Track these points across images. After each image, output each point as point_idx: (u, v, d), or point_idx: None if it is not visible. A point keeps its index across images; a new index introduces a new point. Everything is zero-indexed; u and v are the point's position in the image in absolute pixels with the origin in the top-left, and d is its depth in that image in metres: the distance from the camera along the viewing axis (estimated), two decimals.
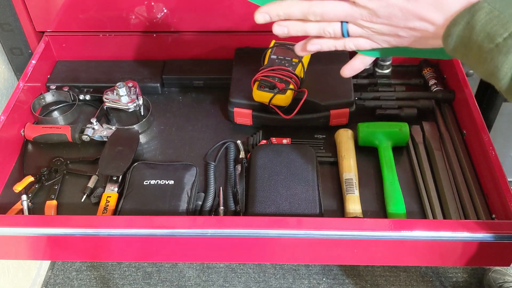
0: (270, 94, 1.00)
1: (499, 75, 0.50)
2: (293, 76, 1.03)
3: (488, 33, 0.50)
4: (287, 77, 1.02)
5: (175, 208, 0.89)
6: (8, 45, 1.20)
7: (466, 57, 0.54)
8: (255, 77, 1.03)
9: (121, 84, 1.08)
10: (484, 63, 0.51)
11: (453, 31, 0.52)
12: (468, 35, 0.51)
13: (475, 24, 0.50)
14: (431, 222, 0.84)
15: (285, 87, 1.01)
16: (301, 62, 1.06)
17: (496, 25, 0.49)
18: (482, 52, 0.51)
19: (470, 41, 0.51)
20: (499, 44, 0.49)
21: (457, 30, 0.52)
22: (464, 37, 0.52)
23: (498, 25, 0.49)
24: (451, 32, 0.52)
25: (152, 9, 1.15)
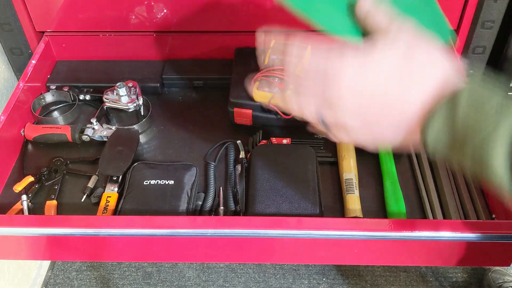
0: (270, 94, 1.00)
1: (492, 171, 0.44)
2: None
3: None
4: None
5: (175, 208, 0.89)
6: (8, 45, 1.20)
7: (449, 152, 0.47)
8: (255, 77, 1.03)
9: (121, 84, 1.08)
10: None
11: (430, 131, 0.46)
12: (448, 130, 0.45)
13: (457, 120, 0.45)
14: (431, 222, 0.84)
15: (285, 87, 1.00)
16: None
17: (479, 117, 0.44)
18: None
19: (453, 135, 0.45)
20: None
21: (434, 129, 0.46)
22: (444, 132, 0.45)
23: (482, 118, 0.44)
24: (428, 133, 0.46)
25: (152, 9, 1.15)
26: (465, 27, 1.15)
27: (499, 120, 0.44)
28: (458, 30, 1.16)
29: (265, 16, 1.14)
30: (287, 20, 1.18)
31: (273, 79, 1.02)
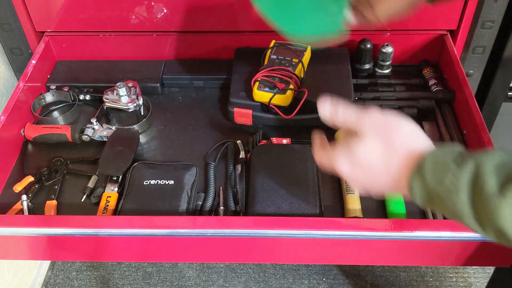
0: (270, 94, 1.00)
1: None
2: (293, 76, 1.03)
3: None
4: (287, 77, 1.02)
5: (175, 208, 0.89)
6: (8, 45, 1.20)
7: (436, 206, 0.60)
8: (255, 77, 1.03)
9: (121, 84, 1.08)
10: None
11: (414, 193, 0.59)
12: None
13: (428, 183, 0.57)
14: (431, 222, 0.84)
15: (285, 87, 1.01)
16: (301, 62, 1.06)
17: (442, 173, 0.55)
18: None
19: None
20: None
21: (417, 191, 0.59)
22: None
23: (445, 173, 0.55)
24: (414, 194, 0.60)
25: (152, 9, 1.15)
26: (465, 27, 1.15)
27: (458, 174, 0.54)
28: (458, 30, 1.16)
29: None
30: None
31: (273, 79, 1.02)
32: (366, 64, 1.16)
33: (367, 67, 1.17)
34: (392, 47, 1.14)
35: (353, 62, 1.17)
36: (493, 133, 1.27)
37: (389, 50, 1.14)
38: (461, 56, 1.19)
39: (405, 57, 1.21)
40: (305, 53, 1.09)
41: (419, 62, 1.21)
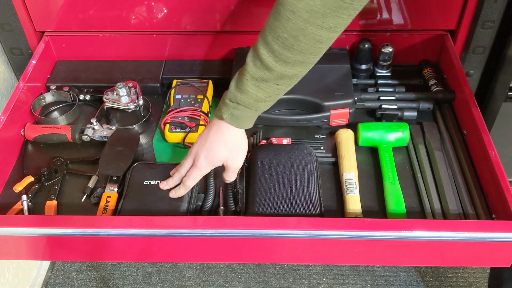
0: (182, 134, 1.03)
1: None
2: (201, 113, 1.06)
3: None
4: (195, 115, 1.05)
5: (175, 208, 0.89)
6: (8, 45, 1.20)
7: None
8: (164, 120, 1.06)
9: (121, 84, 1.08)
10: None
11: None
12: None
13: None
14: (431, 222, 0.84)
15: (196, 125, 1.04)
16: (206, 98, 1.09)
17: None
18: None
19: None
20: None
21: None
22: None
23: None
24: None
25: (152, 9, 1.15)
26: (465, 27, 1.15)
27: None
28: (458, 30, 1.16)
29: (265, 16, 1.14)
30: None
31: (183, 119, 1.04)
32: (366, 64, 1.16)
33: (367, 67, 1.17)
34: (392, 47, 1.14)
35: (353, 62, 1.17)
36: (493, 133, 1.27)
37: (389, 50, 1.14)
38: (461, 56, 1.19)
39: (405, 57, 1.21)
40: (207, 88, 1.13)
41: (419, 62, 1.21)
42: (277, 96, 0.80)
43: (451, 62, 1.13)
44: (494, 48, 1.16)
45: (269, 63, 0.74)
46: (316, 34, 0.70)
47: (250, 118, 0.83)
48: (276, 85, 0.77)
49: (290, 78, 0.77)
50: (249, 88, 0.77)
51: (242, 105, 0.80)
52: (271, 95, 0.79)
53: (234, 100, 0.80)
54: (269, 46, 0.73)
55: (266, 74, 0.75)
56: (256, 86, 0.77)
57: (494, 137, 0.95)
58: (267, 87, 0.77)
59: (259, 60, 0.75)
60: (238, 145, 0.86)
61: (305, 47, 0.71)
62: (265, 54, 0.74)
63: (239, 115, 0.81)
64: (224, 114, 0.82)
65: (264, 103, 0.80)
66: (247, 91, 0.78)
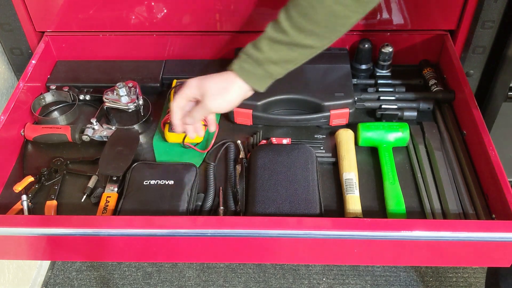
0: (182, 134, 1.02)
1: None
2: None
3: None
4: None
5: (175, 208, 0.89)
6: (8, 45, 1.20)
7: None
8: (164, 120, 1.05)
9: (121, 84, 1.08)
10: None
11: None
12: None
13: None
14: (431, 222, 0.84)
15: None
16: None
17: None
18: None
19: None
20: None
21: None
22: None
23: None
24: None
25: (152, 9, 1.15)
26: (465, 27, 1.15)
27: None
28: (458, 30, 1.16)
29: (265, 16, 1.14)
30: None
31: None
32: (366, 64, 1.16)
33: (367, 67, 1.17)
34: (392, 47, 1.14)
35: (353, 62, 1.17)
36: (493, 133, 1.27)
37: (389, 50, 1.14)
38: (461, 56, 1.19)
39: (405, 57, 1.21)
40: None
41: (419, 62, 1.21)
42: (288, 63, 0.83)
43: (451, 62, 1.13)
44: (494, 48, 1.16)
45: (285, 26, 0.79)
46: (332, 7, 0.75)
47: (257, 78, 0.85)
48: (289, 50, 0.81)
49: (303, 48, 0.81)
50: (263, 45, 0.82)
51: (252, 59, 0.83)
52: (282, 59, 0.82)
53: (247, 54, 0.84)
54: (288, 12, 0.78)
55: (280, 36, 0.80)
56: (270, 46, 0.81)
57: (494, 137, 0.95)
58: (280, 49, 0.81)
59: (277, 24, 0.80)
60: (229, 92, 0.86)
61: (320, 18, 0.76)
62: (283, 19, 0.79)
63: (247, 68, 0.84)
64: (235, 65, 0.86)
65: (274, 66, 0.83)
66: (260, 48, 0.82)
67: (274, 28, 0.81)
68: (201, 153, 1.03)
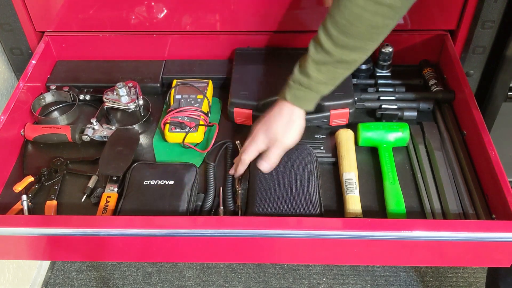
0: (182, 134, 1.02)
1: None
2: (201, 113, 1.05)
3: None
4: (195, 115, 1.05)
5: (175, 208, 0.89)
6: (8, 45, 1.20)
7: None
8: (164, 120, 1.06)
9: (121, 84, 1.08)
10: None
11: None
12: None
13: None
14: (431, 222, 0.84)
15: (195, 125, 1.03)
16: (206, 98, 1.09)
17: None
18: None
19: None
20: None
21: None
22: None
23: None
24: None
25: (152, 9, 1.15)
26: (465, 27, 1.15)
27: None
28: (458, 30, 1.16)
29: (265, 16, 1.14)
30: (286, 20, 1.18)
31: (182, 119, 1.04)
32: (366, 64, 1.16)
33: (367, 67, 1.17)
34: (392, 47, 1.14)
35: None
36: (493, 133, 1.27)
37: (389, 50, 1.14)
38: (461, 56, 1.19)
39: (405, 57, 1.21)
40: (207, 88, 1.12)
41: (419, 62, 1.21)
42: (337, 80, 0.86)
43: (451, 62, 1.13)
44: (494, 48, 1.16)
45: (328, 47, 0.80)
46: (371, 20, 0.76)
47: (311, 100, 0.88)
48: (335, 68, 0.83)
49: (349, 63, 0.83)
50: (310, 70, 0.84)
51: (303, 86, 0.86)
52: (330, 78, 0.85)
53: (297, 82, 0.87)
54: (328, 32, 0.80)
55: (325, 57, 0.82)
56: (317, 69, 0.83)
57: (494, 137, 0.95)
58: (327, 70, 0.83)
59: (319, 45, 0.82)
60: (294, 122, 0.90)
61: (361, 32, 0.77)
62: (325, 39, 0.80)
63: (301, 95, 0.87)
64: (288, 95, 0.88)
65: (325, 86, 0.86)
66: (308, 73, 0.84)
67: (317, 50, 0.82)
68: (201, 153, 1.03)
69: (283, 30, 1.15)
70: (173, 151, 1.04)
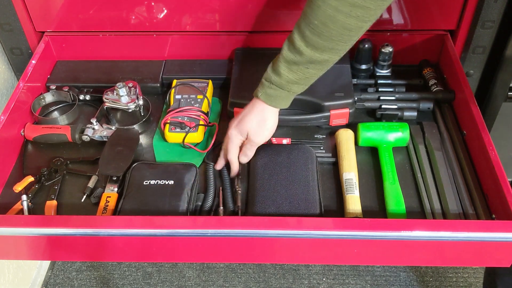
0: (182, 134, 1.02)
1: None
2: (201, 113, 1.06)
3: None
4: (195, 115, 1.05)
5: (175, 208, 0.89)
6: (8, 45, 1.20)
7: None
8: (164, 120, 1.06)
9: (121, 84, 1.08)
10: None
11: None
12: None
13: None
14: (431, 222, 0.84)
15: (195, 125, 1.03)
16: (206, 98, 1.09)
17: None
18: None
19: None
20: None
21: None
22: None
23: None
24: None
25: (152, 9, 1.15)
26: (465, 27, 1.15)
27: None
28: (458, 30, 1.16)
29: (265, 16, 1.14)
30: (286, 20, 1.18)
31: (182, 119, 1.04)
32: (366, 64, 1.16)
33: (367, 67, 1.17)
34: (392, 47, 1.14)
35: (353, 62, 1.17)
36: (493, 133, 1.27)
37: (389, 50, 1.14)
38: (461, 56, 1.19)
39: (405, 57, 1.21)
40: (207, 88, 1.12)
41: (419, 62, 1.21)
42: (309, 80, 0.86)
43: (451, 62, 1.13)
44: (494, 48, 1.16)
45: (300, 47, 0.80)
46: (345, 22, 0.75)
47: (283, 99, 0.89)
48: (307, 68, 0.83)
49: (320, 63, 0.82)
50: (281, 69, 0.84)
51: (275, 85, 0.87)
52: (302, 78, 0.85)
53: (269, 80, 0.87)
54: (301, 32, 0.79)
55: (297, 57, 0.82)
56: (288, 69, 0.84)
57: (494, 137, 0.95)
58: (298, 70, 0.83)
59: (292, 44, 0.81)
60: (266, 121, 0.91)
61: (334, 34, 0.77)
62: (297, 39, 0.80)
63: (273, 94, 0.88)
64: (259, 93, 0.89)
65: (296, 86, 0.86)
66: (280, 72, 0.85)
67: (289, 50, 0.82)
68: (201, 153, 1.03)
69: (283, 30, 1.15)
70: (173, 151, 1.04)
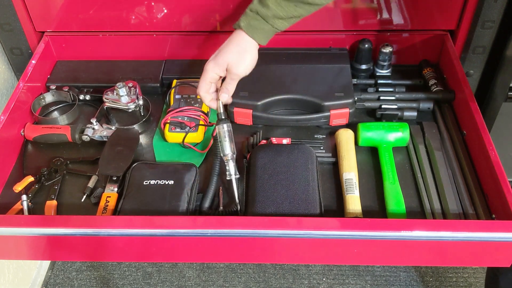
0: (182, 134, 1.02)
1: None
2: (201, 113, 1.06)
3: None
4: (195, 115, 1.05)
5: (175, 208, 0.89)
6: (8, 45, 1.20)
7: None
8: (164, 120, 1.05)
9: (121, 84, 1.08)
10: None
11: None
12: None
13: None
14: (431, 222, 0.84)
15: (195, 125, 1.03)
16: None
17: None
18: None
19: None
20: None
21: None
22: None
23: None
24: None
25: (152, 9, 1.15)
26: (465, 27, 1.15)
27: None
28: (458, 30, 1.16)
29: None
30: None
31: (182, 119, 1.04)
32: (366, 64, 1.16)
33: (367, 67, 1.17)
34: (392, 47, 1.14)
35: (353, 62, 1.17)
36: (493, 133, 1.27)
37: (389, 50, 1.14)
38: (461, 56, 1.19)
39: (405, 57, 1.21)
40: None
41: (419, 62, 1.21)
42: (294, 18, 0.87)
43: (451, 62, 1.13)
44: (494, 48, 1.16)
45: None
46: None
47: (265, 32, 0.88)
48: (295, 6, 0.85)
49: (309, 4, 0.84)
50: (270, 3, 0.85)
51: (260, 15, 0.87)
52: (288, 15, 0.86)
53: (254, 11, 0.87)
54: None
55: None
56: (277, 3, 0.85)
57: (494, 137, 0.95)
58: (286, 5, 0.85)
59: None
60: (246, 52, 0.89)
61: None
62: None
63: (255, 25, 0.87)
64: (242, 22, 0.89)
65: (281, 21, 0.87)
66: (268, 5, 0.85)
67: None
68: (201, 153, 1.03)
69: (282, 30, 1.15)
70: (173, 151, 1.04)
